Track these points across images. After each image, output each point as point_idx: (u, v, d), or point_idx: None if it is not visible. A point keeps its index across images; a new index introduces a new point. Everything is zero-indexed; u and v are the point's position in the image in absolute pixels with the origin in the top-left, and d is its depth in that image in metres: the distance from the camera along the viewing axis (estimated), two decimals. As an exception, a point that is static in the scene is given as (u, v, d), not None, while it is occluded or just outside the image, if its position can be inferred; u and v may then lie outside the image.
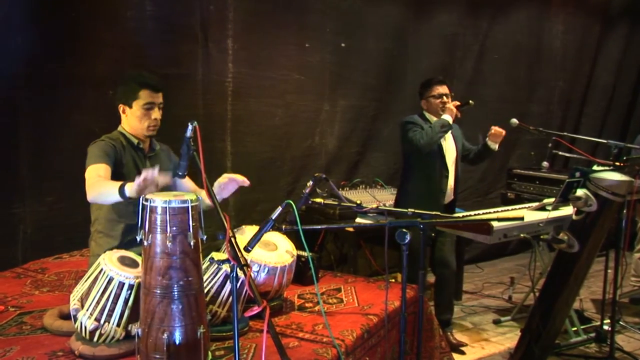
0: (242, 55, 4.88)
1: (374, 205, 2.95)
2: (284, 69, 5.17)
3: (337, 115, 5.55)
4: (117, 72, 4.05)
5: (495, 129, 4.33)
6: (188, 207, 2.31)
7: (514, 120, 4.43)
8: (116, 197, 2.61)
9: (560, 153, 4.51)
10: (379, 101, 5.75)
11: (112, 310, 2.50)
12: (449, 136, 4.37)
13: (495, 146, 4.37)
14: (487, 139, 4.37)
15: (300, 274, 3.46)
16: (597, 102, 7.48)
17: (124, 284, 2.51)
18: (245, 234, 3.17)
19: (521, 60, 6.72)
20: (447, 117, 4.15)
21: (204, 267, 2.75)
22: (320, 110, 5.45)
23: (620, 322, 4.60)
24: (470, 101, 4.21)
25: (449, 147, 4.38)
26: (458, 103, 4.20)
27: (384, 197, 5.14)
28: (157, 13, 4.43)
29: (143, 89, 3.02)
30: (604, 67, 7.39)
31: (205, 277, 2.74)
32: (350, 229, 4.62)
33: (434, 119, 4.26)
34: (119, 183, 2.63)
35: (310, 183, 2.79)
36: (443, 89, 4.31)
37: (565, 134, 4.59)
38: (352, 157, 5.72)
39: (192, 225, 2.32)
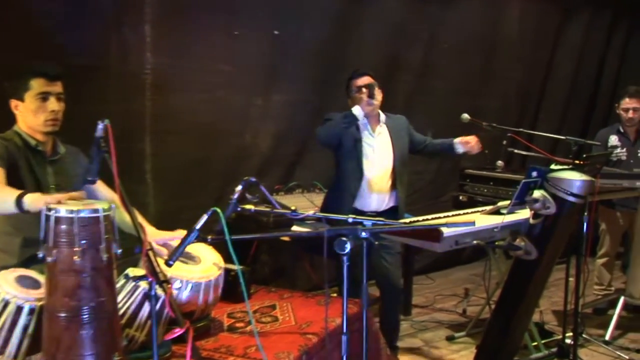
0: (163, 44, 4.82)
1: (312, 212, 2.96)
2: (211, 60, 5.15)
3: (272, 111, 5.55)
4: (12, 62, 3.83)
5: (466, 141, 4.43)
6: (100, 217, 2.28)
7: (465, 116, 4.53)
8: (11, 208, 2.52)
9: (516, 151, 4.61)
10: (319, 95, 5.77)
11: (7, 340, 2.43)
12: (381, 132, 4.41)
13: (461, 150, 4.45)
14: (457, 142, 4.46)
15: (230, 290, 3.43)
16: (557, 95, 7.70)
17: (22, 307, 2.44)
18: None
19: (475, 49, 6.83)
20: (355, 108, 4.22)
21: (118, 285, 2.71)
22: (252, 105, 5.44)
23: (584, 335, 4.70)
24: (372, 82, 4.30)
25: (379, 145, 4.41)
26: (366, 90, 4.28)
27: (324, 202, 5.14)
28: (61, -8, 4.35)
29: (35, 78, 2.94)
30: (564, 56, 7.60)
31: (120, 297, 2.70)
32: (286, 239, 4.63)
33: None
34: (17, 192, 2.54)
35: (239, 188, 2.78)
36: (363, 81, 4.38)
37: (521, 130, 4.71)
38: (288, 158, 5.74)
39: (105, 238, 2.29)
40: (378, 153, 4.37)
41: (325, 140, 4.23)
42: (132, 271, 2.85)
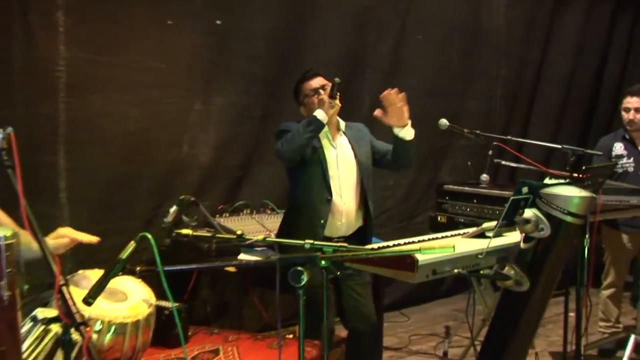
0: (80, 35, 4.77)
1: (261, 237, 2.95)
2: (139, 54, 5.12)
3: (213, 116, 5.56)
4: None
5: (383, 95, 4.26)
6: (0, 246, 2.24)
7: (444, 122, 4.56)
8: None
9: (503, 163, 4.68)
10: (270, 97, 5.80)
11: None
12: (342, 143, 4.45)
13: (404, 132, 4.31)
14: (388, 123, 4.34)
15: (163, 332, 3.42)
16: (551, 97, 7.79)
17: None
18: (84, 281, 3.10)
19: (454, 42, 6.89)
20: (317, 112, 4.20)
21: (24, 330, 2.68)
22: (190, 109, 5.45)
23: (588, 382, 4.78)
24: (336, 79, 4.24)
25: (342, 158, 4.43)
26: (328, 90, 4.29)
27: (277, 225, 5.11)
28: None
29: None
30: (558, 51, 7.70)
31: (26, 345, 2.66)
32: (232, 269, 4.61)
33: None
34: None
35: (174, 209, 2.78)
36: (316, 82, 4.41)
37: (509, 137, 4.70)
38: (233, 172, 5.75)
39: (7, 272, 2.24)
40: (342, 166, 4.39)
41: (289, 155, 4.21)
42: (41, 312, 2.79)
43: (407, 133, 4.29)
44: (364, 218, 4.46)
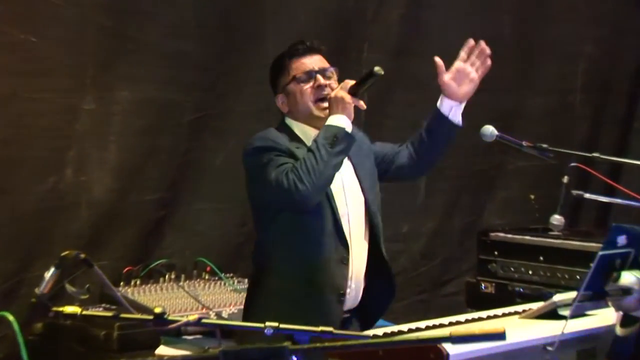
0: None
1: (194, 317, 2.93)
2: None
3: (115, 121, 5.62)
4: None
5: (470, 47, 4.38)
6: None
7: (489, 129, 4.59)
8: None
9: (587, 196, 4.63)
10: (208, 91, 5.88)
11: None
12: (344, 168, 4.42)
13: (458, 111, 4.46)
14: (442, 95, 4.43)
15: None
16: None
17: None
18: None
19: (504, 2, 7.02)
20: (339, 119, 4.19)
21: None
22: (77, 111, 5.50)
23: None
24: (377, 68, 4.20)
25: (349, 186, 4.47)
26: (352, 82, 4.27)
27: (219, 299, 5.19)
28: None
29: None
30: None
31: None
32: (146, 372, 4.62)
33: (309, 130, 4.38)
34: None
35: (51, 273, 2.76)
36: (314, 62, 4.43)
37: (597, 155, 4.71)
38: (148, 212, 5.82)
39: None
40: (351, 200, 4.44)
41: (315, 198, 4.14)
42: None
43: (457, 115, 4.45)
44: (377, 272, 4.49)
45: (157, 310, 2.83)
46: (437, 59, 4.34)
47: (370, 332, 4.01)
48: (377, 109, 6.21)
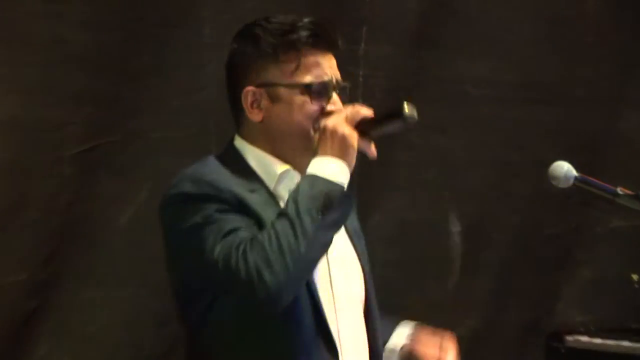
0: None
1: None
2: None
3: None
4: None
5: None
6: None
7: (564, 168, 3.78)
8: None
9: None
10: (101, 107, 5.34)
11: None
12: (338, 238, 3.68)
13: None
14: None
15: None
16: None
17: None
18: None
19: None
20: (334, 169, 3.46)
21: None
22: None
23: None
24: (407, 109, 3.44)
25: (340, 261, 3.76)
26: (367, 111, 3.50)
27: None
28: None
29: None
30: None
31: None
32: None
33: (275, 164, 3.59)
34: None
35: None
36: (331, 67, 3.57)
37: None
38: (8, 303, 5.24)
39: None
40: (341, 282, 3.79)
41: (291, 291, 3.42)
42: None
43: None
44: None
45: None
46: None
47: None
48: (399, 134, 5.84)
